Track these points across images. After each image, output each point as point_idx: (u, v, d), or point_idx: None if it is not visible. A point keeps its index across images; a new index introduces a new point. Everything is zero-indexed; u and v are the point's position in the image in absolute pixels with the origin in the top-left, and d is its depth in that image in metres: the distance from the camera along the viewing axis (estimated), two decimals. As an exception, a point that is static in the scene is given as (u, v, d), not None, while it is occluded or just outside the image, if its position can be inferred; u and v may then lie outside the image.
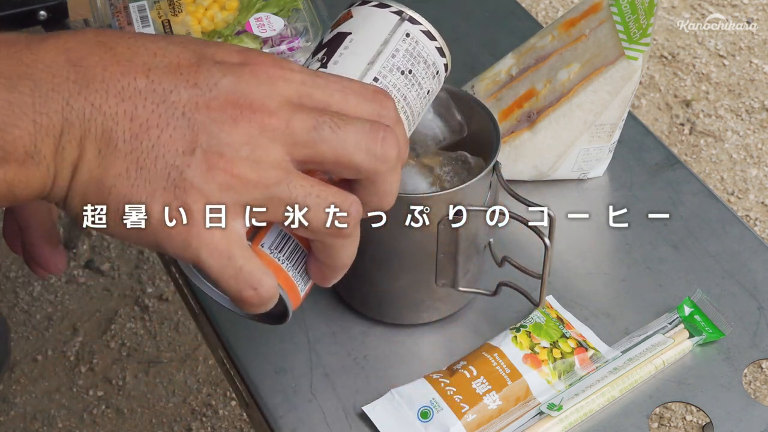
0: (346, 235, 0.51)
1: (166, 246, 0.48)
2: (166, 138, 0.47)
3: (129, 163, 0.47)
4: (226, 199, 0.47)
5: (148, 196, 0.47)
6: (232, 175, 0.47)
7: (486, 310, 0.78)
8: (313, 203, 0.49)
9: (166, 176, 0.47)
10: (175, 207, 0.47)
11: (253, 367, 0.74)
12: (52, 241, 0.61)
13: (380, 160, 0.50)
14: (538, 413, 0.70)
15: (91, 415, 1.45)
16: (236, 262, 0.48)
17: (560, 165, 0.86)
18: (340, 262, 0.53)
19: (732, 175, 1.77)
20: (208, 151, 0.47)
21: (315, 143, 0.48)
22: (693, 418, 1.41)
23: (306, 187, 0.48)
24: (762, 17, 2.11)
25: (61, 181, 0.47)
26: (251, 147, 0.47)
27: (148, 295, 1.59)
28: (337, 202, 0.49)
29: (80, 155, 0.47)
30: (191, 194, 0.47)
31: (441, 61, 0.61)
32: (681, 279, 0.80)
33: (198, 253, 0.48)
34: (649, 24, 0.80)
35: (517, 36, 0.93)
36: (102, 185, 0.47)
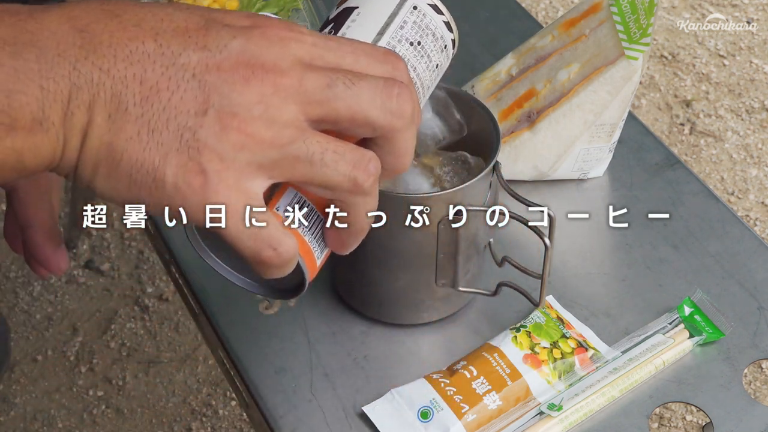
0: (365, 192, 0.50)
1: (182, 209, 0.47)
2: (177, 100, 0.46)
3: (140, 127, 0.46)
4: (241, 158, 0.47)
5: (161, 159, 0.46)
6: (246, 134, 0.47)
7: (486, 310, 0.78)
8: (330, 159, 0.48)
9: (178, 138, 0.46)
10: (190, 168, 0.46)
11: (253, 367, 0.74)
12: (54, 240, 0.61)
13: (396, 115, 0.49)
14: (538, 413, 0.70)
15: (91, 415, 1.45)
16: (255, 222, 0.48)
17: (560, 165, 0.86)
18: (358, 224, 0.52)
19: (732, 175, 1.77)
20: (221, 111, 0.46)
21: (329, 101, 0.48)
22: (693, 418, 1.41)
23: (322, 143, 0.48)
24: (762, 17, 2.11)
25: (71, 148, 0.47)
26: (264, 106, 0.47)
27: (148, 295, 1.59)
28: (355, 158, 0.48)
29: (90, 120, 0.46)
30: (205, 154, 0.46)
31: (449, 35, 0.60)
32: (681, 279, 0.80)
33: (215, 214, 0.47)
34: (649, 24, 0.80)
35: (517, 36, 0.93)
36: (113, 150, 0.46)
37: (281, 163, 0.47)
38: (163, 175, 0.46)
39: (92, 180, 0.48)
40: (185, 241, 0.82)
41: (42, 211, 0.60)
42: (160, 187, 0.47)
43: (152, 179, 0.47)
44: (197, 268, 0.81)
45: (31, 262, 0.62)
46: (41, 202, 0.60)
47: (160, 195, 0.47)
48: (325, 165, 0.48)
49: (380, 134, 0.50)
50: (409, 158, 0.52)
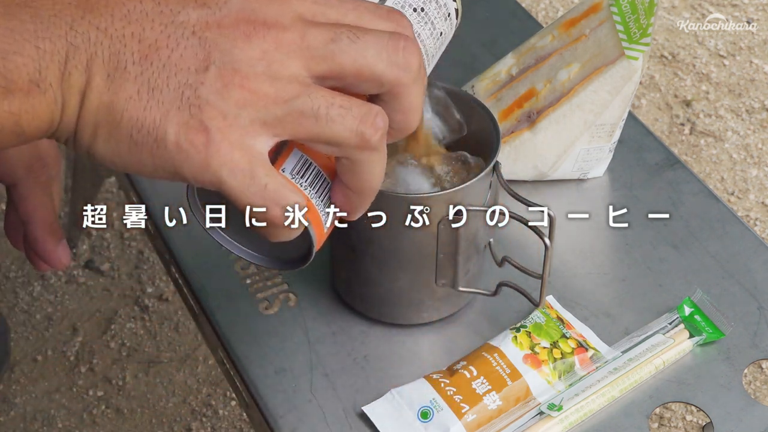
0: (373, 147, 0.48)
1: (185, 169, 0.46)
2: (177, 57, 0.45)
3: (140, 85, 0.45)
4: (244, 115, 0.46)
5: (161, 117, 0.45)
6: (249, 90, 0.45)
7: (486, 310, 0.78)
8: (336, 114, 0.46)
9: (179, 96, 0.45)
10: (192, 126, 0.45)
11: (253, 367, 0.74)
12: (55, 235, 0.60)
13: (403, 68, 0.48)
14: (538, 413, 0.70)
15: (91, 415, 1.45)
16: (260, 179, 0.46)
17: (560, 165, 0.86)
18: (367, 183, 0.50)
19: (732, 175, 1.77)
20: (222, 67, 0.45)
21: (334, 55, 0.47)
22: (693, 418, 1.41)
23: (328, 98, 0.46)
24: (762, 17, 2.11)
25: (70, 109, 0.46)
26: (267, 62, 0.46)
27: (148, 295, 1.59)
28: (362, 112, 0.47)
29: (88, 80, 0.45)
30: (207, 111, 0.45)
31: (452, 4, 0.59)
32: (681, 279, 0.80)
33: (219, 173, 0.46)
34: (649, 24, 0.80)
35: (517, 36, 0.93)
36: (113, 110, 0.45)
37: (286, 120, 0.46)
38: (165, 133, 0.45)
39: (92, 144, 0.47)
40: (185, 241, 0.83)
41: (42, 206, 0.60)
42: (162, 147, 0.45)
43: (153, 139, 0.45)
44: (197, 268, 0.81)
45: (32, 257, 0.61)
46: (42, 197, 0.60)
47: (161, 155, 0.46)
48: (331, 120, 0.46)
49: (387, 89, 0.48)
50: (417, 115, 0.50)
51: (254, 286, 0.79)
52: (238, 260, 0.81)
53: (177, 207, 0.83)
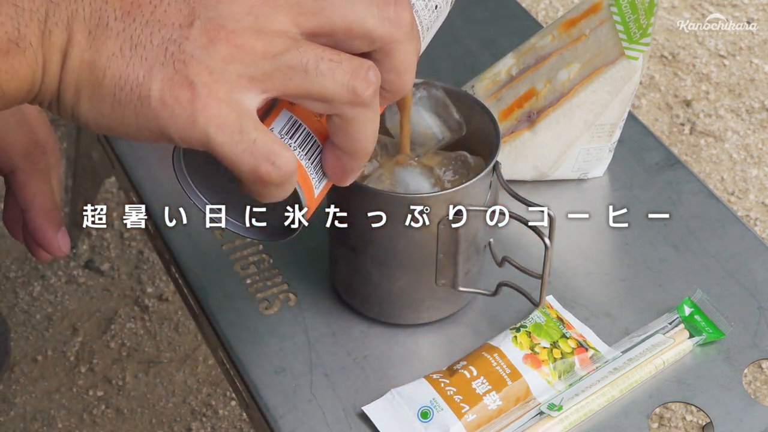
0: (365, 103, 0.46)
1: (170, 127, 0.45)
2: (160, 13, 0.44)
3: (122, 42, 0.44)
4: (231, 71, 0.44)
5: (145, 74, 0.44)
6: (235, 45, 0.44)
7: (486, 310, 0.78)
8: (326, 67, 0.45)
9: (163, 51, 0.44)
10: (177, 82, 0.44)
11: (253, 367, 0.74)
12: (55, 222, 0.60)
13: (394, 24, 0.46)
14: (538, 413, 0.70)
15: (91, 415, 1.45)
16: (249, 135, 0.45)
17: (560, 165, 0.86)
18: (360, 143, 0.48)
19: (732, 175, 1.77)
20: (208, 22, 0.44)
21: (323, 10, 0.45)
22: (693, 418, 1.41)
23: (317, 52, 0.45)
24: (762, 17, 2.11)
25: (51, 69, 0.45)
26: (254, 16, 0.45)
27: (148, 295, 1.59)
28: (353, 66, 0.46)
29: (69, 38, 0.44)
30: (192, 67, 0.44)
31: None
32: (681, 279, 0.80)
33: (206, 129, 0.44)
34: (649, 24, 0.80)
35: (517, 36, 0.93)
36: (95, 68, 0.44)
37: (274, 75, 0.45)
38: (149, 90, 0.44)
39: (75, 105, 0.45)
40: (185, 241, 0.83)
41: (41, 194, 0.59)
42: (146, 104, 0.44)
43: (137, 96, 0.44)
44: (197, 268, 0.81)
45: (31, 246, 0.61)
46: (40, 184, 0.59)
47: (146, 113, 0.44)
48: (321, 74, 0.45)
49: (379, 46, 0.47)
50: (410, 77, 0.48)
51: (254, 286, 0.79)
52: (238, 260, 0.81)
53: (177, 207, 0.83)
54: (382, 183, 0.70)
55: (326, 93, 0.46)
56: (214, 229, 0.83)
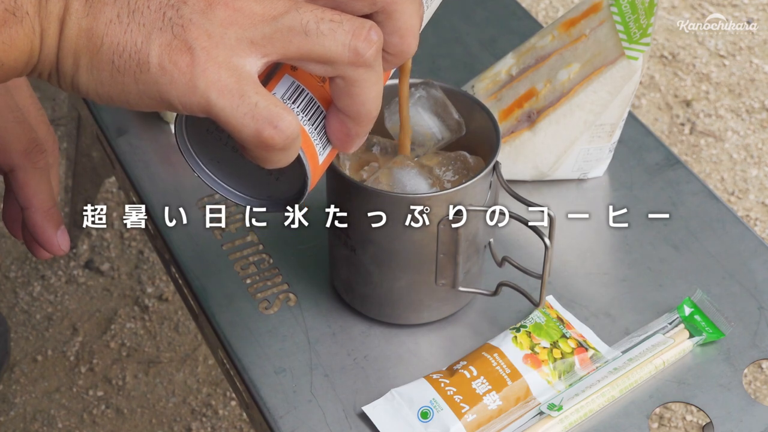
0: (368, 63, 0.46)
1: (170, 93, 0.44)
2: None
3: (119, 8, 0.44)
4: (231, 34, 0.44)
5: (143, 40, 0.44)
6: (234, 9, 0.44)
7: (486, 310, 0.78)
8: (327, 28, 0.44)
9: (161, 16, 0.44)
10: (176, 47, 0.43)
11: (253, 367, 0.74)
12: (54, 221, 0.60)
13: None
14: (538, 413, 0.70)
15: (91, 415, 1.45)
16: (250, 98, 0.44)
17: (560, 165, 0.86)
18: (364, 106, 0.47)
19: (732, 175, 1.77)
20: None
21: None
22: (693, 418, 1.40)
23: (318, 13, 0.44)
24: (762, 17, 2.11)
25: (49, 38, 0.44)
26: None
27: (147, 295, 1.59)
28: (354, 26, 0.45)
29: (66, 6, 0.44)
30: (191, 31, 0.44)
31: None
32: (681, 279, 0.80)
33: (207, 94, 0.44)
34: (649, 24, 0.80)
35: (517, 36, 0.93)
36: (93, 35, 0.44)
37: (274, 37, 0.44)
38: (147, 56, 0.44)
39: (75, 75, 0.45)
40: (185, 241, 0.83)
41: (41, 192, 0.59)
42: (145, 70, 0.44)
43: (136, 62, 0.44)
44: (197, 268, 0.81)
45: (31, 245, 0.61)
46: (40, 183, 0.59)
47: (145, 79, 0.44)
48: (321, 35, 0.44)
49: (380, 7, 0.46)
50: (414, 39, 0.48)
51: (254, 286, 0.80)
52: (238, 260, 0.81)
53: (177, 207, 0.83)
54: (380, 184, 0.70)
55: (328, 54, 0.45)
56: (214, 229, 0.83)
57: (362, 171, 0.73)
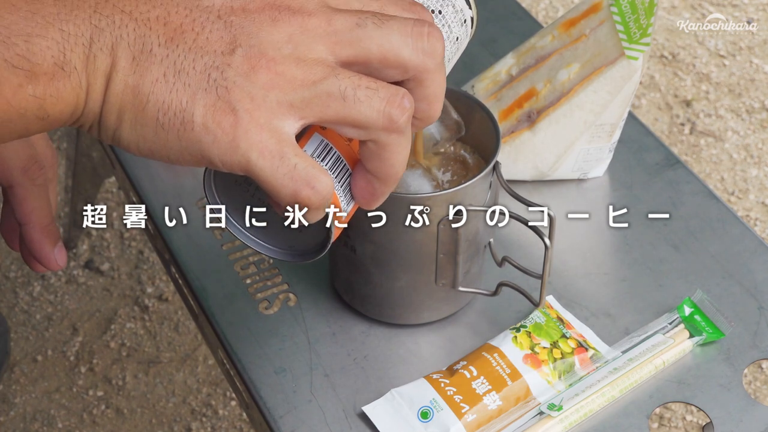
0: (400, 129, 0.48)
1: (212, 151, 0.46)
2: (203, 41, 0.45)
3: (166, 68, 0.45)
4: (272, 97, 0.45)
5: (188, 100, 0.45)
6: (276, 73, 0.46)
7: (486, 310, 0.78)
8: (363, 95, 0.46)
9: (206, 78, 0.45)
10: (219, 108, 0.45)
11: (253, 368, 0.74)
12: (52, 237, 0.60)
13: (428, 54, 0.48)
14: (538, 413, 0.70)
15: (91, 415, 1.45)
16: (290, 160, 0.46)
17: (560, 165, 0.86)
18: (392, 168, 0.50)
19: (732, 175, 1.77)
20: (249, 50, 0.45)
21: (360, 40, 0.47)
22: (693, 418, 1.41)
23: (354, 80, 0.46)
24: (762, 17, 2.11)
25: (95, 93, 0.45)
26: (293, 45, 0.46)
27: (147, 295, 1.59)
28: (389, 93, 0.47)
29: (113, 63, 0.45)
30: (234, 93, 0.45)
31: (468, 11, 0.59)
32: (681, 279, 0.80)
33: (248, 154, 0.45)
34: (649, 24, 0.80)
35: (517, 36, 0.93)
36: (139, 93, 0.45)
37: (313, 102, 0.46)
38: (192, 115, 0.45)
39: (117, 129, 0.46)
40: (185, 241, 0.83)
41: (40, 209, 0.60)
42: (189, 129, 0.45)
43: (180, 121, 0.45)
44: (197, 268, 0.81)
45: (28, 259, 0.61)
46: (38, 199, 0.60)
47: (188, 137, 0.45)
48: (358, 101, 0.46)
49: (412, 75, 0.48)
50: (440, 105, 0.50)
51: (254, 286, 0.80)
52: (238, 260, 0.81)
53: (177, 207, 0.83)
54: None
55: (363, 119, 0.47)
56: (214, 229, 0.83)
57: None
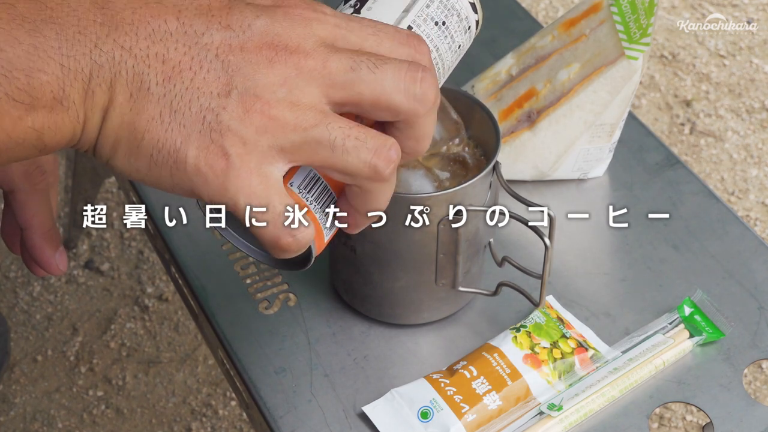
0: (384, 179, 0.49)
1: (202, 191, 0.47)
2: (200, 81, 0.46)
3: (162, 107, 0.46)
4: (263, 142, 0.46)
5: (183, 141, 0.46)
6: (269, 117, 0.46)
7: (486, 310, 0.78)
8: (352, 146, 0.47)
9: (201, 120, 0.46)
10: (212, 151, 0.46)
11: (253, 367, 0.74)
12: (53, 242, 0.61)
13: (419, 101, 0.49)
14: (538, 413, 0.70)
15: (91, 415, 1.45)
16: (275, 208, 0.47)
17: (560, 165, 0.86)
18: (375, 207, 0.51)
19: (732, 175, 1.77)
20: (244, 93, 0.46)
21: (353, 84, 0.48)
22: (693, 418, 1.41)
23: (345, 129, 0.47)
24: (762, 17, 2.11)
25: (91, 126, 0.46)
26: (288, 88, 0.47)
27: (147, 295, 1.59)
28: (377, 144, 0.48)
29: (111, 99, 0.46)
30: (228, 138, 0.46)
31: (473, 16, 0.60)
32: (681, 279, 0.80)
33: (236, 198, 0.47)
34: (649, 24, 0.80)
35: (517, 36, 0.93)
36: (134, 130, 0.46)
37: (303, 147, 0.47)
38: (185, 156, 0.46)
39: (112, 157, 0.47)
40: (185, 241, 0.83)
41: (40, 213, 0.60)
42: (182, 169, 0.46)
43: (174, 160, 0.46)
44: (197, 268, 0.81)
45: (29, 263, 0.62)
46: (40, 204, 0.60)
47: (180, 176, 0.47)
48: (346, 152, 0.47)
49: (402, 119, 0.49)
50: (428, 142, 0.51)
51: (254, 286, 0.80)
52: (238, 260, 0.81)
53: (177, 207, 0.83)
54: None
55: (350, 169, 0.48)
56: (214, 229, 0.83)
57: None
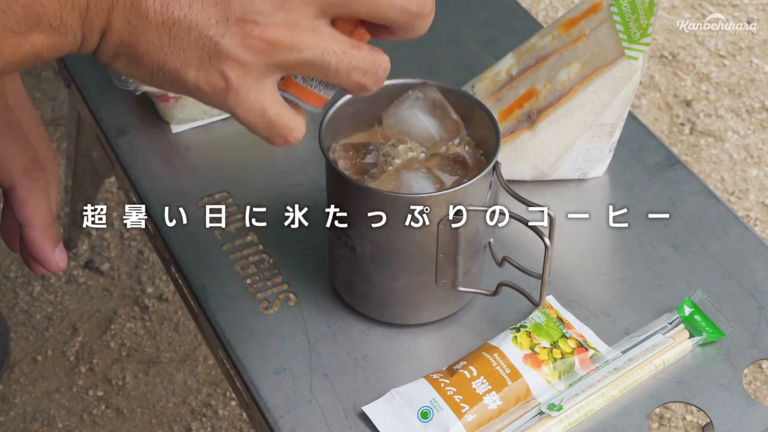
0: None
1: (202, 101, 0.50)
2: (197, 7, 0.48)
3: (161, 33, 0.48)
4: (261, 63, 0.49)
5: (182, 64, 0.48)
6: (267, 41, 0.48)
7: (486, 310, 0.78)
8: (344, 69, 0.50)
9: (200, 46, 0.48)
10: (212, 74, 0.49)
11: (253, 368, 0.74)
12: (53, 239, 0.60)
13: (415, 15, 0.51)
14: (538, 413, 0.70)
15: (91, 415, 1.45)
16: (269, 117, 0.51)
17: (560, 165, 0.86)
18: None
19: (732, 175, 1.77)
20: (242, 18, 0.48)
21: (349, 3, 0.50)
22: (693, 418, 1.40)
23: (338, 54, 0.50)
24: (762, 17, 2.11)
25: (90, 43, 0.48)
26: (285, 11, 0.48)
27: (147, 295, 1.59)
28: (367, 66, 0.51)
29: (109, 24, 0.47)
30: (227, 63, 0.48)
31: None
32: (681, 279, 0.80)
33: (234, 109, 0.50)
34: (649, 24, 0.80)
35: (517, 36, 0.93)
36: (135, 50, 0.48)
37: (298, 65, 0.50)
38: (186, 77, 0.49)
39: (112, 63, 0.50)
40: (185, 241, 0.83)
41: (40, 210, 0.60)
42: (182, 84, 0.49)
43: (174, 77, 0.49)
44: (197, 268, 0.81)
45: (28, 260, 0.61)
46: (39, 201, 0.60)
47: (180, 90, 0.50)
48: (338, 73, 0.50)
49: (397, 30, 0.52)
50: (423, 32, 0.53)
51: (254, 286, 0.79)
52: (238, 260, 0.81)
53: (177, 207, 0.83)
54: (388, 185, 0.70)
55: (341, 84, 0.51)
56: (214, 229, 0.83)
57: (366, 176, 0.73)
